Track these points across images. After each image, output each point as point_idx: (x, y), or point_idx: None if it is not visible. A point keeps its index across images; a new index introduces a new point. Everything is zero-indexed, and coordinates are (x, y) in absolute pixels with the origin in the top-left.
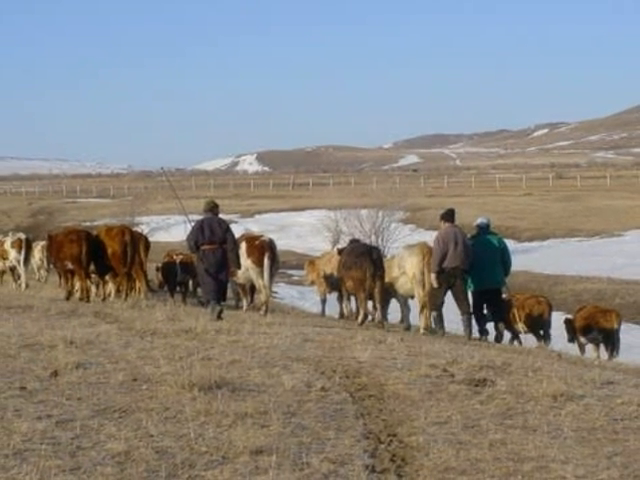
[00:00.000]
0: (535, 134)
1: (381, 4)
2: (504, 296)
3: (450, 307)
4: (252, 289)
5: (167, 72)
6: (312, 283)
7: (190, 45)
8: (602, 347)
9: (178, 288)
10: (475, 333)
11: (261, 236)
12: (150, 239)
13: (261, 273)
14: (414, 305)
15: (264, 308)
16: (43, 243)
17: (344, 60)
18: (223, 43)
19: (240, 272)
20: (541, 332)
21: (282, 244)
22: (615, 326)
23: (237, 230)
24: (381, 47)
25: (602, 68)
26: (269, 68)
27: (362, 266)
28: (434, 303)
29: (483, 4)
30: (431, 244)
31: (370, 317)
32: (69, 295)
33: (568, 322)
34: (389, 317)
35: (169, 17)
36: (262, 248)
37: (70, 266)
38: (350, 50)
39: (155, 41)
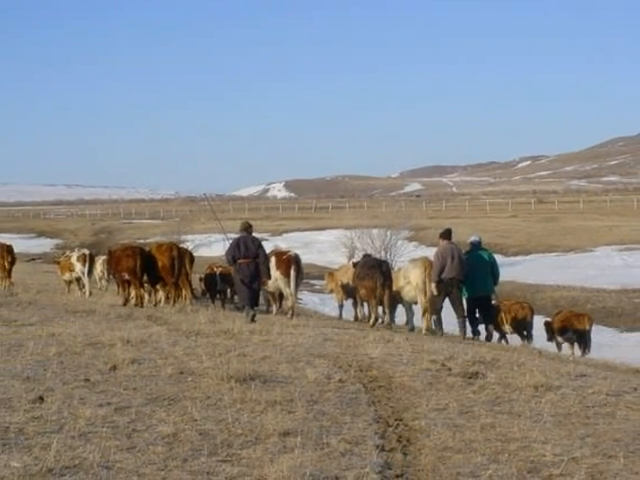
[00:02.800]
0: (519, 165)
1: (389, 56)
2: (493, 302)
3: (447, 311)
4: (280, 296)
5: (209, 113)
6: (331, 291)
7: (228, 90)
8: (576, 345)
9: (218, 295)
10: (469, 333)
11: (288, 251)
12: (194, 254)
13: (288, 283)
14: (417, 310)
15: (290, 312)
16: (104, 257)
17: (358, 102)
18: (255, 88)
19: (270, 282)
20: (524, 332)
21: (306, 258)
22: (587, 327)
23: (268, 246)
24: (389, 92)
25: (576, 109)
26: (295, 110)
27: (373, 277)
28: (434, 308)
29: (475, 56)
30: (432, 258)
31: (380, 320)
32: (126, 301)
33: (547, 324)
34: (396, 320)
35: (210, 67)
36: (289, 262)
37: (127, 277)
38: (363, 94)
39: (198, 87)
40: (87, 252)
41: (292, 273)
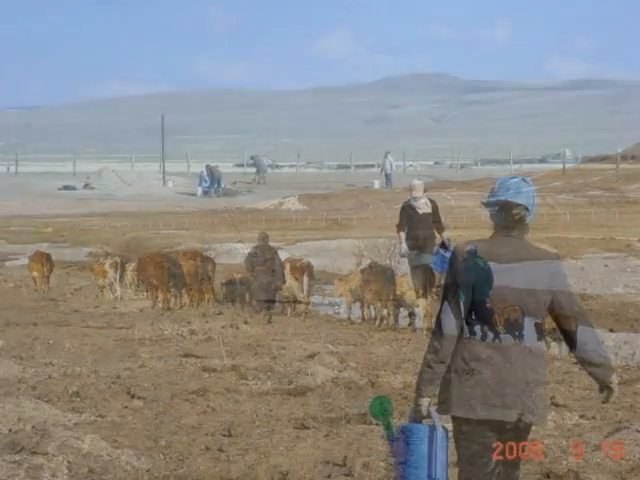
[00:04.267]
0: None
1: None
2: (488, 305)
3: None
4: (294, 300)
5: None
6: (340, 295)
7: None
8: (563, 344)
9: (237, 300)
10: None
11: (301, 259)
12: (216, 262)
13: (301, 288)
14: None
15: (303, 315)
16: (134, 264)
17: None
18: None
19: (285, 287)
20: (516, 333)
21: (317, 265)
22: (573, 328)
23: (283, 255)
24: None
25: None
26: None
27: (379, 282)
28: (434, 311)
29: None
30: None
31: (385, 322)
32: (154, 305)
33: (537, 325)
34: (399, 321)
35: (228, 86)
36: (302, 269)
37: (154, 282)
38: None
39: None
40: (118, 259)
41: (305, 279)
